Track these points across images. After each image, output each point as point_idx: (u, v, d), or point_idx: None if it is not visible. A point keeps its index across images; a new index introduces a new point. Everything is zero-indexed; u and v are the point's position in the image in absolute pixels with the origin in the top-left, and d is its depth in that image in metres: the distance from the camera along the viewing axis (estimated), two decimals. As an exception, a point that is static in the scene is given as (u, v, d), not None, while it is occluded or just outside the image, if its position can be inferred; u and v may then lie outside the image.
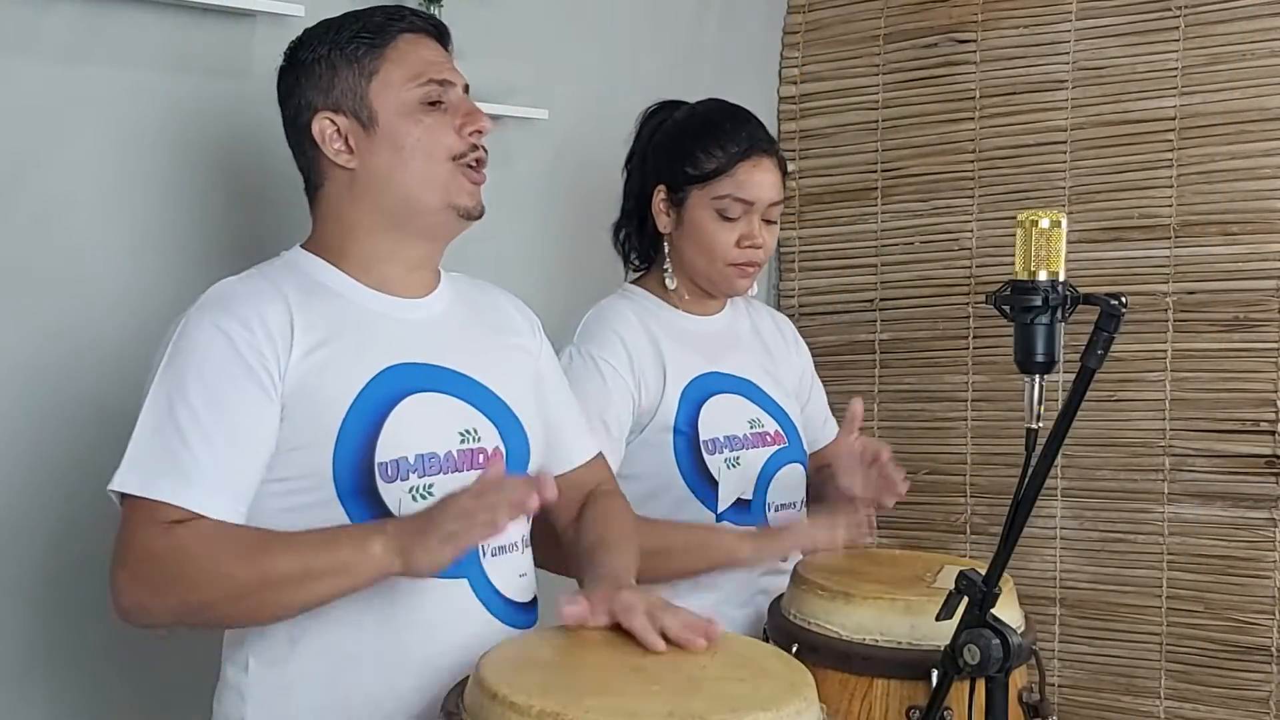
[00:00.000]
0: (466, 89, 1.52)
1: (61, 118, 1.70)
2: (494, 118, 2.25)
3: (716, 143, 1.89)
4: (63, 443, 1.69)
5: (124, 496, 1.31)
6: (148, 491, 1.29)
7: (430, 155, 1.45)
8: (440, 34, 1.53)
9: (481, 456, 1.44)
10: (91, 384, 1.71)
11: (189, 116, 1.82)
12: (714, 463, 1.86)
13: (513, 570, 1.48)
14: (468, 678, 1.24)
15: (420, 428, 1.41)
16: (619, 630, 1.31)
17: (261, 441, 1.35)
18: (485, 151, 1.50)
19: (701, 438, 1.86)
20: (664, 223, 1.93)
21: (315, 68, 1.46)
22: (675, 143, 1.93)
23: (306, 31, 1.50)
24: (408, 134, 1.44)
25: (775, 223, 1.93)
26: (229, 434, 1.32)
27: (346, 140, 1.45)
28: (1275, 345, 2.50)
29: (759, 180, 1.89)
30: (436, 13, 2.06)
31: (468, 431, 1.44)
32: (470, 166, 1.48)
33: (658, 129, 1.98)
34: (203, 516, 1.30)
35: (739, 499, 1.88)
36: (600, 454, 1.70)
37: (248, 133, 1.86)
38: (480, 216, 1.50)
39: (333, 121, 1.45)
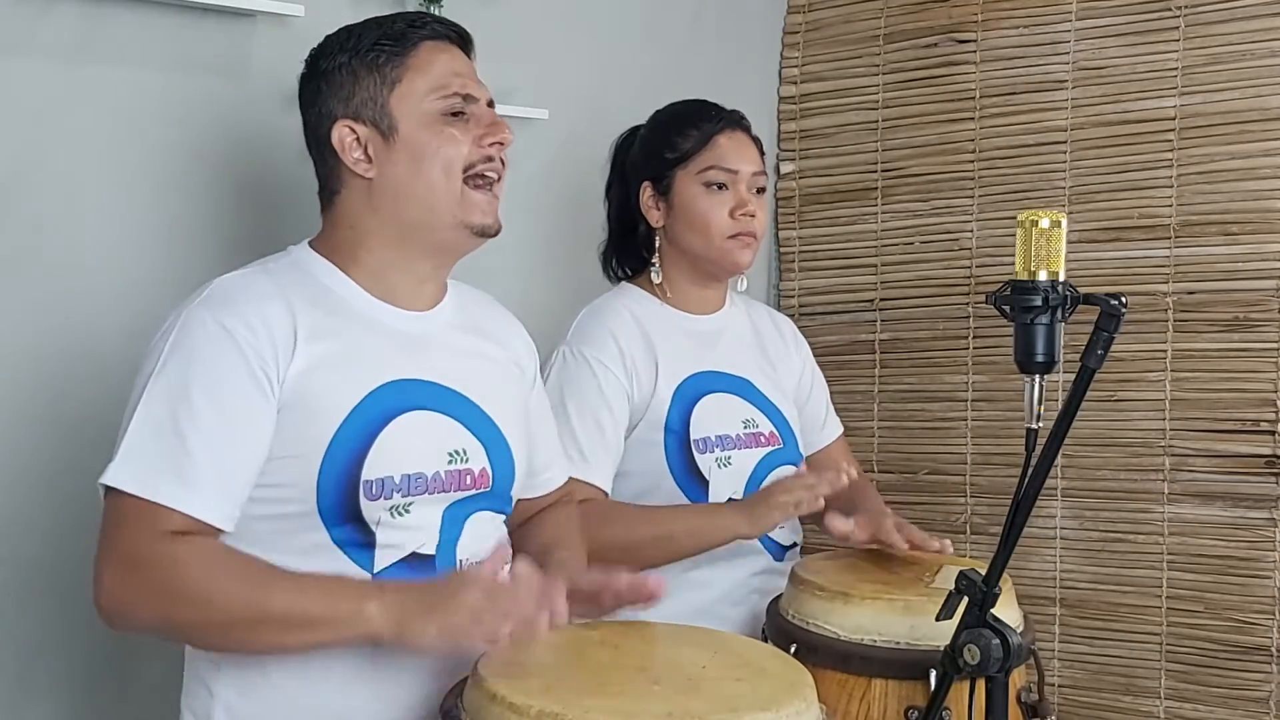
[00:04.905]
0: (491, 104, 1.50)
1: (61, 118, 1.70)
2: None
3: (690, 124, 1.95)
4: (62, 440, 1.69)
5: (110, 490, 1.29)
6: (144, 491, 1.27)
7: (448, 168, 1.43)
8: (463, 41, 1.52)
9: (468, 478, 1.44)
10: (90, 383, 1.71)
11: (189, 116, 1.82)
12: (704, 462, 1.86)
13: None
14: (466, 678, 1.24)
15: (410, 447, 1.40)
16: (618, 630, 1.31)
17: (259, 445, 1.33)
18: (503, 164, 1.48)
19: (692, 437, 1.87)
20: (655, 217, 1.95)
21: (336, 75, 1.45)
22: (650, 140, 1.98)
23: (328, 38, 1.49)
24: (427, 145, 1.43)
25: (763, 193, 1.97)
26: (229, 437, 1.31)
27: (366, 149, 1.44)
28: (1275, 345, 2.49)
29: (738, 151, 1.94)
30: (436, 13, 2.06)
31: (456, 452, 1.44)
32: (482, 181, 1.45)
33: (630, 144, 2.03)
34: (199, 522, 1.28)
35: (730, 499, 1.88)
36: (569, 480, 1.71)
37: (247, 133, 1.86)
38: (496, 234, 1.48)
39: (353, 130, 1.44)
